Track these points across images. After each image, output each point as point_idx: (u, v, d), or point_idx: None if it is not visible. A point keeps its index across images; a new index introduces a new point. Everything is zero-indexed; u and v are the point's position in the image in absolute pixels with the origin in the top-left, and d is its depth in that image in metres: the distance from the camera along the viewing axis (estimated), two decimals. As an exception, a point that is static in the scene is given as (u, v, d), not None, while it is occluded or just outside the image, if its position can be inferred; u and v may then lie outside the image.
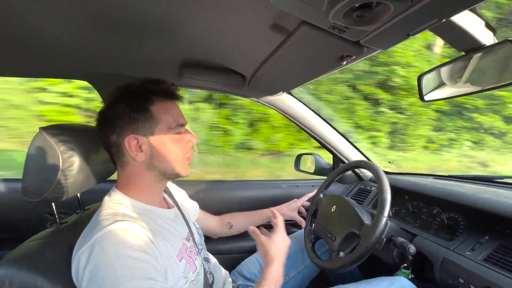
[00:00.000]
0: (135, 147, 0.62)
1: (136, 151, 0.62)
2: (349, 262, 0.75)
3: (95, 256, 0.50)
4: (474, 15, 0.50)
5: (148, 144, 0.63)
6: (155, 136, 0.63)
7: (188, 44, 0.81)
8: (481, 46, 0.53)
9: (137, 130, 0.62)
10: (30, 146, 0.61)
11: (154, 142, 0.63)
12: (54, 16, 0.63)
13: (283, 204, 1.10)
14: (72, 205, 0.78)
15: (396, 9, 0.43)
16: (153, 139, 0.63)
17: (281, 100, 1.24)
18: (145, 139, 0.62)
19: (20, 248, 0.58)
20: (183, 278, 0.61)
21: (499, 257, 0.69)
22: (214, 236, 1.07)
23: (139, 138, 0.62)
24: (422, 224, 0.96)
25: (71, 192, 0.64)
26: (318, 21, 0.53)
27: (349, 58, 0.69)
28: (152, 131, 0.63)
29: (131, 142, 0.62)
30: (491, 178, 1.06)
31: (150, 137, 0.63)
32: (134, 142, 0.62)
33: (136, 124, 0.62)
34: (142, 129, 0.62)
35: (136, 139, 0.62)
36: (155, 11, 0.61)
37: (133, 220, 0.57)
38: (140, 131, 0.62)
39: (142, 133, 0.62)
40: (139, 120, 0.62)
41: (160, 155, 0.64)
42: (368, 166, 0.91)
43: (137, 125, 0.62)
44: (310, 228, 1.01)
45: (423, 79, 0.70)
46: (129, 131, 0.62)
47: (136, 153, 0.62)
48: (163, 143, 0.64)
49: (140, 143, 0.62)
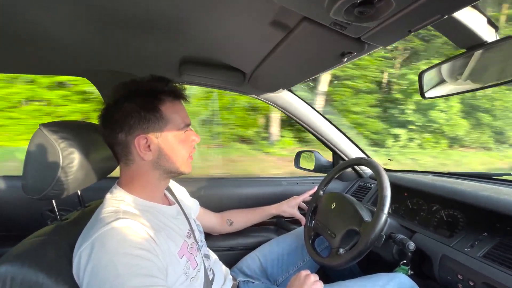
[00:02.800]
0: (144, 146, 0.62)
1: (144, 150, 0.62)
2: (349, 259, 0.76)
3: (96, 253, 0.50)
4: (476, 11, 0.50)
5: (156, 143, 0.63)
6: (164, 136, 0.63)
7: (188, 41, 0.80)
8: (483, 43, 0.52)
9: (148, 129, 0.62)
10: (30, 143, 0.60)
11: (163, 142, 0.63)
12: (55, 13, 0.63)
13: (284, 201, 1.10)
14: (73, 202, 0.78)
15: (398, 5, 0.43)
16: (162, 139, 0.63)
17: (282, 97, 1.23)
18: (154, 139, 0.62)
19: (21, 245, 0.58)
20: (183, 275, 0.62)
21: (498, 253, 0.69)
22: (214, 233, 1.08)
23: (148, 137, 0.62)
24: (421, 221, 0.97)
25: (71, 189, 0.64)
26: (319, 17, 0.52)
27: (350, 55, 0.68)
28: (161, 131, 0.63)
29: (141, 141, 0.61)
30: (490, 175, 1.06)
31: (159, 137, 0.63)
32: (143, 141, 0.62)
33: (147, 124, 0.61)
34: (152, 129, 0.62)
35: (146, 139, 0.62)
36: (156, 8, 0.61)
37: (135, 217, 0.57)
38: (151, 130, 0.62)
39: (152, 132, 0.62)
40: (150, 120, 0.61)
41: (168, 154, 0.64)
42: (368, 163, 0.91)
43: (147, 125, 0.61)
44: (310, 225, 1.01)
45: (424, 76, 0.69)
46: (139, 130, 0.61)
47: (144, 152, 0.62)
48: (171, 143, 0.64)
49: (149, 143, 0.62)
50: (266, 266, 1.00)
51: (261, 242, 1.11)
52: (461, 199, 0.86)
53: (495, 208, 0.76)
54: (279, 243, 1.06)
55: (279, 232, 1.26)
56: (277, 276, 1.00)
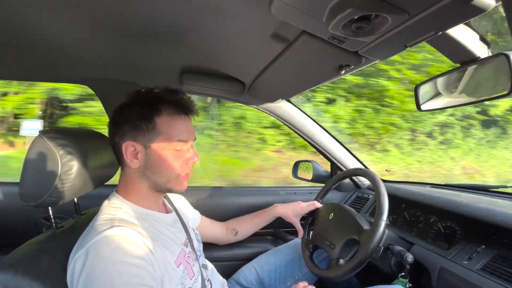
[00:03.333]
0: (131, 153, 0.62)
1: (131, 157, 0.62)
2: (350, 269, 0.75)
3: (91, 261, 0.50)
4: (469, 28, 0.52)
5: (144, 153, 0.62)
6: (153, 147, 0.62)
7: (189, 51, 0.82)
8: (475, 59, 0.54)
9: (137, 137, 0.62)
10: (29, 150, 0.61)
11: (151, 153, 0.62)
12: (56, 21, 0.64)
13: (289, 204, 1.02)
14: (69, 210, 0.77)
15: (393, 22, 0.44)
16: (150, 150, 0.62)
17: (281, 107, 1.25)
18: (142, 148, 0.62)
19: (15, 252, 0.57)
20: (180, 285, 0.61)
21: (496, 266, 0.69)
22: (219, 243, 1.05)
23: (136, 145, 0.62)
24: (419, 233, 0.96)
25: (68, 196, 0.64)
26: (318, 31, 0.54)
27: (348, 68, 0.70)
28: (151, 142, 0.62)
29: (128, 148, 0.62)
30: (487, 187, 1.07)
31: (147, 148, 0.62)
32: (131, 148, 0.62)
33: (136, 132, 0.61)
34: (141, 138, 0.62)
35: (134, 146, 0.62)
36: (157, 18, 0.62)
37: (131, 225, 0.57)
38: (139, 139, 0.62)
39: (141, 141, 0.62)
40: (140, 129, 0.61)
41: (153, 167, 0.63)
42: (365, 173, 0.92)
43: (137, 133, 0.62)
44: (308, 238, 0.99)
45: (419, 89, 0.71)
46: (129, 137, 0.62)
47: (131, 159, 0.62)
48: (159, 156, 0.63)
49: (137, 151, 0.62)
50: (263, 277, 0.99)
51: (258, 253, 1.10)
52: (457, 210, 0.86)
53: (492, 220, 0.76)
54: (276, 254, 1.05)
55: (276, 243, 1.25)
56: (274, 287, 0.99)
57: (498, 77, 0.50)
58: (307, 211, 1.01)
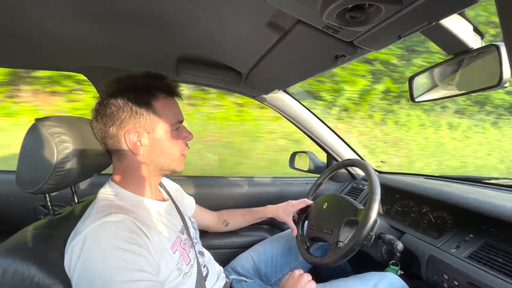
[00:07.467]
0: (135, 141, 0.63)
1: (135, 145, 0.63)
2: (351, 248, 0.75)
3: (88, 247, 0.51)
4: (463, 19, 0.52)
5: (147, 139, 0.64)
6: (156, 131, 0.64)
7: (185, 40, 0.81)
8: (468, 50, 0.54)
9: (139, 124, 0.62)
10: (25, 137, 0.61)
11: (154, 137, 0.64)
12: (52, 9, 0.63)
13: (280, 206, 1.04)
14: (66, 198, 0.78)
15: (387, 11, 0.44)
16: (153, 134, 0.64)
17: (277, 98, 1.25)
18: (145, 134, 0.63)
19: (14, 238, 0.58)
20: (176, 270, 0.62)
21: (483, 254, 0.71)
22: (210, 231, 1.08)
23: (139, 132, 0.62)
24: (411, 222, 0.99)
25: (65, 184, 0.65)
26: (313, 20, 0.54)
27: (343, 58, 0.70)
28: (153, 127, 0.64)
29: (131, 135, 0.62)
30: (479, 179, 1.08)
31: (150, 132, 0.64)
32: (134, 136, 0.62)
33: (138, 118, 0.62)
34: (144, 124, 0.63)
35: (137, 133, 0.62)
36: (153, 6, 0.61)
37: (127, 212, 0.58)
38: (142, 125, 0.63)
39: (143, 127, 0.63)
40: (141, 115, 0.62)
41: (158, 150, 0.65)
42: (357, 163, 0.94)
43: (139, 119, 0.62)
44: (302, 235, 0.98)
45: (414, 81, 0.71)
46: (131, 125, 0.62)
47: (134, 147, 0.63)
48: (162, 139, 0.65)
49: (140, 137, 0.63)
50: (259, 265, 1.01)
51: (254, 242, 1.12)
52: (448, 200, 0.88)
53: (481, 210, 0.78)
54: (273, 243, 1.07)
55: (272, 231, 1.27)
56: (271, 276, 1.01)
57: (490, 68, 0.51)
58: (298, 208, 1.02)
